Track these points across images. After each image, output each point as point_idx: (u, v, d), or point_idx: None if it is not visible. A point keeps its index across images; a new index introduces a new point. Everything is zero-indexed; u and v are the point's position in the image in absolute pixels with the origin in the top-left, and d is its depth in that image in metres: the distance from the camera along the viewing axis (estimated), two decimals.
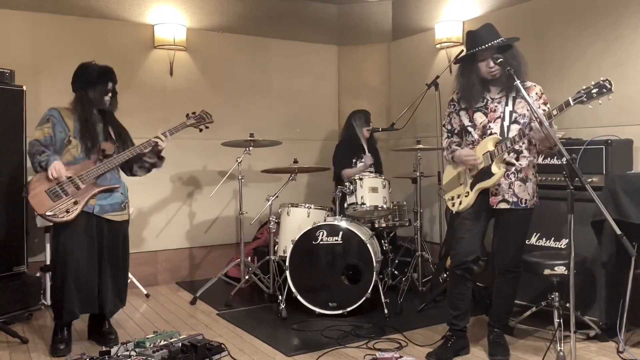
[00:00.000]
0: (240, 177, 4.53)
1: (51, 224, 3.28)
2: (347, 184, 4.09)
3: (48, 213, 3.13)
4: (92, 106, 3.35)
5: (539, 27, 4.29)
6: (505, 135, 2.98)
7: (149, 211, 4.93)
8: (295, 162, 4.50)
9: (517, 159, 3.02)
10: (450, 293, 3.19)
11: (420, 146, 4.46)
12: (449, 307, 3.19)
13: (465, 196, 3.07)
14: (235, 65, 5.34)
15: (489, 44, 2.94)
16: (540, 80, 4.20)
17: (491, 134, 3.01)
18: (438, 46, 5.03)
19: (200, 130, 3.78)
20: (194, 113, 3.75)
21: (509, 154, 2.96)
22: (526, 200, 3.03)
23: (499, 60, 2.88)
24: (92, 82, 3.35)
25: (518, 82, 2.76)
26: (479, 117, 3.07)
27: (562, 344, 2.99)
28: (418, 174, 4.51)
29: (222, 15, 4.89)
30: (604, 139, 3.42)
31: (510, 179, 3.01)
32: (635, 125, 3.66)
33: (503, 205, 3.03)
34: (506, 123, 2.99)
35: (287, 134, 5.47)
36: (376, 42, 5.75)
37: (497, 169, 2.94)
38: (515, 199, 3.02)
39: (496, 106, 3.03)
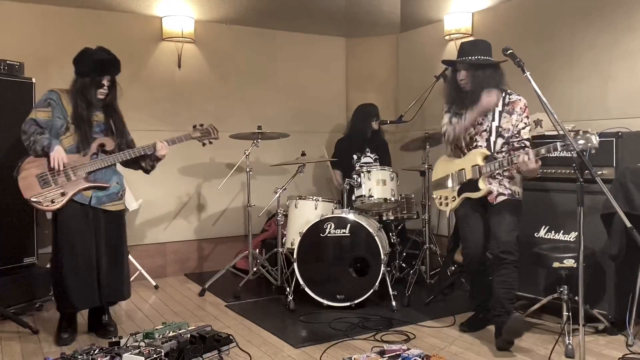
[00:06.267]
0: (248, 170, 4.53)
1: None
2: (354, 176, 4.09)
3: (33, 199, 3.11)
4: (84, 96, 3.25)
5: (549, 19, 4.25)
6: (492, 149, 3.18)
7: (157, 203, 4.95)
8: (303, 154, 4.50)
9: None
10: (471, 284, 3.60)
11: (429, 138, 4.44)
12: (470, 296, 3.59)
13: (452, 200, 3.32)
14: (243, 58, 5.33)
15: (463, 59, 3.17)
16: (549, 72, 4.20)
17: (476, 146, 3.22)
18: (447, 38, 5.00)
19: (204, 144, 3.68)
20: (201, 125, 3.66)
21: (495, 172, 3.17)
22: (519, 192, 3.22)
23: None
24: (87, 73, 3.24)
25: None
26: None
27: (571, 337, 2.99)
28: (426, 166, 4.49)
29: (229, 8, 4.88)
30: (614, 131, 3.39)
31: (499, 177, 3.21)
32: None
33: (501, 198, 3.18)
34: (492, 138, 3.19)
35: (295, 126, 5.46)
36: (384, 33, 5.72)
37: (483, 185, 3.17)
38: (509, 191, 3.19)
39: (482, 119, 3.22)
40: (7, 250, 3.81)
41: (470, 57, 3.16)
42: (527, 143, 3.14)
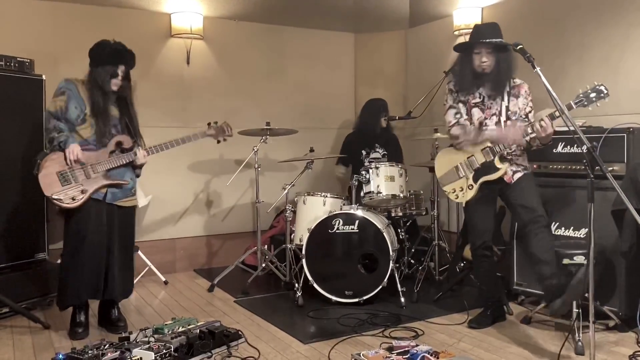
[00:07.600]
0: (256, 166, 4.54)
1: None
2: (363, 172, 4.08)
3: (55, 196, 3.14)
4: (99, 86, 3.27)
5: (559, 14, 4.21)
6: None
7: (167, 199, 4.97)
8: (312, 150, 4.49)
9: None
10: (476, 274, 3.68)
11: (438, 134, 4.42)
12: (479, 287, 3.64)
13: (470, 189, 3.29)
14: (252, 54, 5.34)
15: (487, 40, 3.13)
16: (560, 68, 4.17)
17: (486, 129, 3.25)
18: (456, 33, 4.96)
19: (218, 142, 3.75)
20: (215, 122, 3.71)
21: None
22: (528, 167, 3.34)
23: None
24: (102, 62, 3.27)
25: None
26: (477, 113, 3.30)
27: (581, 334, 2.98)
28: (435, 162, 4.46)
29: (238, 4, 4.88)
30: (625, 127, 3.36)
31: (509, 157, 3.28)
32: None
33: (518, 175, 3.26)
34: (503, 119, 3.23)
35: (303, 122, 5.46)
36: (393, 29, 5.69)
37: (501, 164, 3.22)
38: (523, 166, 3.29)
39: (492, 103, 3.26)
40: (19, 246, 3.84)
41: (491, 40, 3.13)
42: None
